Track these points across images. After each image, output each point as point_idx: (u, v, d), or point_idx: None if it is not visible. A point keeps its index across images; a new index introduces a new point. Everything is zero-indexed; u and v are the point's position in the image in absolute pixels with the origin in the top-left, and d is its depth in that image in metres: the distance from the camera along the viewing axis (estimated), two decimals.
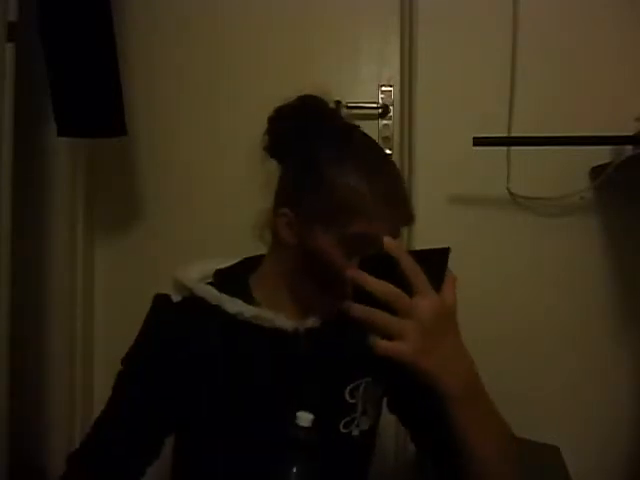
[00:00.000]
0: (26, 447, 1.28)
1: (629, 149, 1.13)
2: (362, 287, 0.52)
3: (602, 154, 1.20)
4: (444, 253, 0.56)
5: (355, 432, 0.75)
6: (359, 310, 0.52)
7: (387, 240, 0.53)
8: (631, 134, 1.12)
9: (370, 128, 1.35)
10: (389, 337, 0.52)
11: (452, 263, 0.56)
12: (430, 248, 0.55)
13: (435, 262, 0.56)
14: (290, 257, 0.72)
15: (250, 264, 0.79)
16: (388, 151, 1.37)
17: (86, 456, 0.70)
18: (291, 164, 0.74)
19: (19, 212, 1.15)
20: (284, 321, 0.71)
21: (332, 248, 0.66)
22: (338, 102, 0.76)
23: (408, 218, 0.71)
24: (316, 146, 0.70)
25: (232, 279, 0.76)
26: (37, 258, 1.34)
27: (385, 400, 0.82)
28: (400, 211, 0.69)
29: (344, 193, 0.65)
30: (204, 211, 1.37)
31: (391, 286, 0.52)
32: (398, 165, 1.35)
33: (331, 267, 0.66)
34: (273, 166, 0.77)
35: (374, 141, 0.76)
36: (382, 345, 0.52)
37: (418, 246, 1.28)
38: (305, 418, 0.61)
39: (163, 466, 0.76)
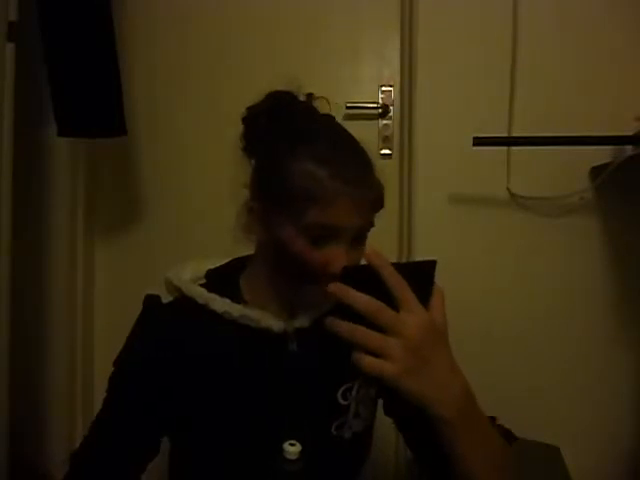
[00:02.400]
0: (26, 447, 1.28)
1: (629, 149, 1.13)
2: (343, 301, 0.49)
3: (602, 154, 1.20)
4: (430, 266, 0.52)
5: (347, 434, 0.73)
6: (341, 327, 0.49)
7: (369, 251, 0.49)
8: (631, 134, 1.12)
9: (370, 128, 1.36)
10: (375, 355, 0.49)
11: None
12: (416, 261, 0.52)
13: (421, 276, 0.52)
14: (268, 253, 0.71)
15: (240, 264, 0.79)
16: (388, 151, 1.37)
17: (87, 457, 0.70)
18: (258, 159, 0.73)
19: (19, 212, 1.15)
20: (271, 321, 0.70)
21: (296, 238, 0.64)
22: (309, 95, 0.75)
23: (375, 201, 0.65)
24: (280, 138, 0.68)
25: (222, 279, 0.76)
26: (37, 258, 1.34)
27: (381, 403, 0.82)
28: (363, 193, 0.63)
29: (299, 181, 0.62)
30: (204, 211, 1.37)
31: (374, 300, 0.48)
32: (398, 165, 1.35)
33: (298, 259, 0.65)
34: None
35: (345, 131, 0.71)
36: (366, 362, 0.49)
37: (418, 246, 1.29)
38: (292, 451, 0.60)
39: (163, 466, 0.76)
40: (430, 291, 0.53)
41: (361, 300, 0.49)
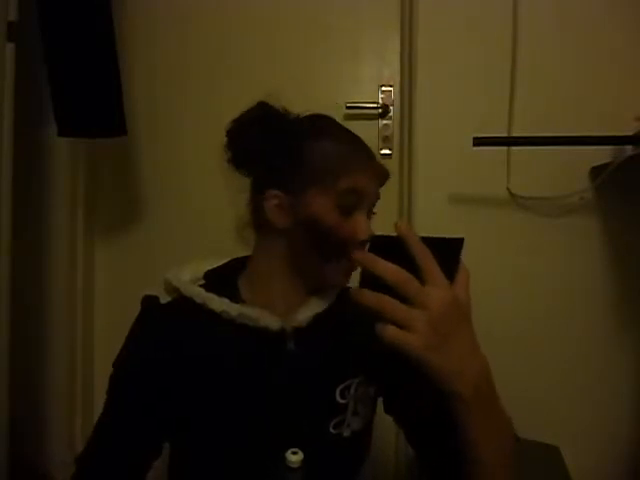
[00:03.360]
0: (26, 447, 1.28)
1: (629, 149, 1.13)
2: (370, 270, 0.48)
3: (602, 154, 1.20)
4: (458, 243, 0.51)
5: (346, 433, 0.73)
6: (366, 296, 0.48)
7: (399, 223, 0.49)
8: (631, 134, 1.12)
9: (370, 128, 1.36)
10: (398, 326, 0.48)
11: None
12: (443, 236, 0.51)
13: (448, 252, 0.51)
14: (285, 243, 0.72)
15: (238, 264, 0.79)
16: (388, 151, 1.37)
17: (91, 459, 0.71)
18: (264, 157, 0.74)
19: (19, 212, 1.15)
20: (269, 320, 0.71)
21: (327, 210, 0.68)
22: (285, 109, 0.79)
23: (385, 174, 0.74)
24: (288, 132, 0.73)
25: (221, 280, 0.76)
26: (37, 258, 1.34)
27: (381, 400, 0.82)
28: (377, 166, 0.73)
29: (325, 156, 0.69)
30: (204, 211, 1.37)
31: (402, 270, 0.48)
32: (398, 165, 1.36)
33: (330, 230, 0.68)
34: None
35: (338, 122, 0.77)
36: (390, 332, 0.48)
37: None
38: (295, 460, 0.60)
39: (163, 466, 0.76)
40: (456, 268, 0.53)
41: (390, 270, 0.48)
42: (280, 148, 0.71)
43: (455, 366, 0.50)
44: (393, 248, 0.48)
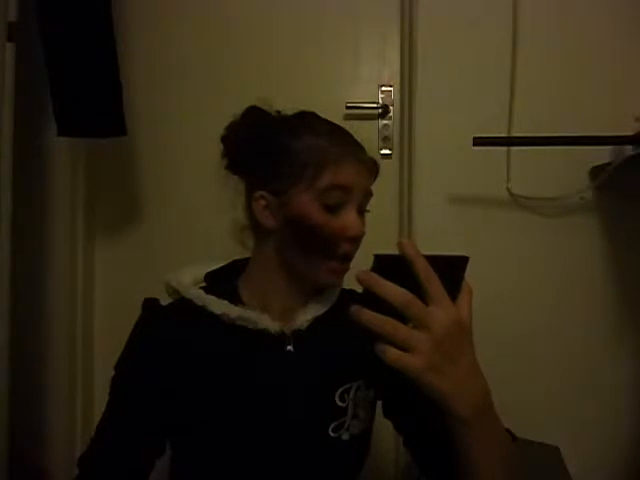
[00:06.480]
0: (26, 447, 1.28)
1: (629, 149, 1.13)
2: (373, 291, 0.47)
3: (602, 154, 1.20)
4: (462, 261, 0.51)
5: (345, 436, 0.73)
6: (368, 317, 0.47)
7: (404, 242, 0.49)
8: (631, 134, 1.12)
9: (370, 128, 1.36)
10: (400, 348, 0.48)
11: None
12: (447, 255, 0.50)
13: (452, 270, 0.51)
14: (274, 244, 0.73)
15: (238, 266, 0.80)
16: (388, 151, 1.37)
17: (94, 459, 0.71)
18: (253, 160, 0.74)
19: (19, 212, 1.14)
20: (269, 322, 0.71)
21: (313, 208, 0.68)
22: (278, 112, 0.80)
23: (373, 164, 0.73)
24: (274, 131, 0.73)
25: (221, 282, 0.76)
26: (37, 258, 1.33)
27: (380, 404, 0.81)
28: (366, 160, 0.72)
29: (306, 152, 0.69)
30: (204, 211, 1.37)
31: (405, 291, 0.47)
32: (398, 165, 1.35)
33: (315, 229, 0.68)
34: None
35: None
36: (391, 355, 0.47)
37: (418, 246, 1.28)
38: None
39: (163, 466, 0.76)
40: (459, 287, 0.53)
41: (393, 291, 0.47)
42: (265, 149, 0.72)
43: (456, 387, 0.50)
44: (396, 267, 0.48)
